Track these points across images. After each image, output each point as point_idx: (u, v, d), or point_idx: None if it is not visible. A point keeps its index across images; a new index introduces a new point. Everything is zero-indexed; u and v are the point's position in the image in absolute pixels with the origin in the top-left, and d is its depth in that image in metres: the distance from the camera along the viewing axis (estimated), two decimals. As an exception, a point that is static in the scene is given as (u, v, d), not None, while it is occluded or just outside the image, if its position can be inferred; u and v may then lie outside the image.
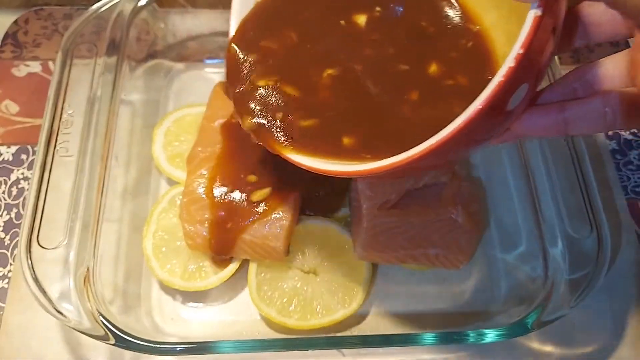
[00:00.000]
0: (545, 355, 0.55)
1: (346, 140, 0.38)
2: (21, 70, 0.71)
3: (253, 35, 0.43)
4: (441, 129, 0.30)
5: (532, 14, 0.27)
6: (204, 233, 0.52)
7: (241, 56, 0.42)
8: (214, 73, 0.71)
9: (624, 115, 0.32)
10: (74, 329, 0.46)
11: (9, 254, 0.59)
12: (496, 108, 0.28)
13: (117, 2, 0.60)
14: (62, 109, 0.54)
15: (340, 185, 0.60)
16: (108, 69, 0.57)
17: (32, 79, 0.70)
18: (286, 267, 0.55)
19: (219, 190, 0.53)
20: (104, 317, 0.46)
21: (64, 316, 0.45)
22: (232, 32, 0.43)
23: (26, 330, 0.54)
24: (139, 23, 0.63)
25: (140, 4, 0.62)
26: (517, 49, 0.27)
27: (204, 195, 0.53)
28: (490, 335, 0.48)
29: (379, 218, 0.52)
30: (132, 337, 0.46)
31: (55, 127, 0.53)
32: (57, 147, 0.52)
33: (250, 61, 0.42)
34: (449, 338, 0.49)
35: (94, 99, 0.55)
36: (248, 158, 0.55)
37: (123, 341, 0.45)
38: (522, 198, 0.58)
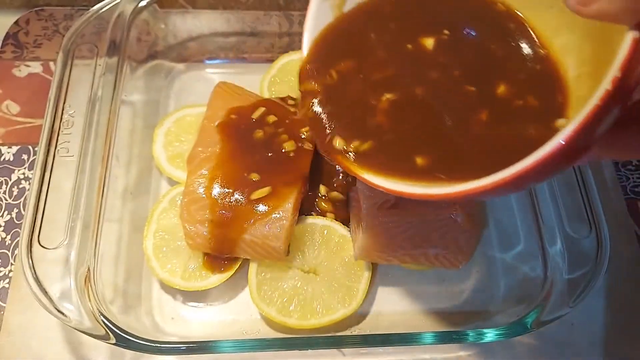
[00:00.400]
0: (544, 354, 0.56)
1: (419, 161, 0.38)
2: (22, 70, 0.71)
3: (324, 57, 0.44)
4: (517, 150, 0.29)
5: (631, 35, 0.27)
6: (205, 233, 0.53)
7: (312, 80, 0.43)
8: (215, 73, 0.71)
9: None
10: (74, 328, 0.46)
11: (10, 253, 0.59)
12: (588, 132, 0.28)
13: (118, 3, 0.60)
14: (62, 109, 0.54)
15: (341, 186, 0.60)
16: (109, 70, 0.57)
17: (33, 80, 0.70)
18: (286, 266, 0.56)
19: (219, 190, 0.53)
20: (104, 316, 0.46)
21: (65, 316, 0.45)
22: (305, 51, 0.44)
23: (27, 329, 0.54)
24: (140, 24, 0.64)
25: (141, 4, 0.62)
26: (614, 71, 0.27)
27: (204, 195, 0.53)
28: (490, 335, 0.48)
29: (378, 218, 0.52)
30: (133, 337, 0.46)
31: (56, 128, 0.53)
32: (58, 148, 0.52)
33: (321, 84, 0.43)
34: (449, 337, 0.49)
35: (94, 100, 0.55)
36: (248, 158, 0.55)
37: (124, 341, 0.46)
38: (521, 198, 0.58)
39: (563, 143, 0.28)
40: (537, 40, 0.42)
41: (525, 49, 0.42)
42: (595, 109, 0.27)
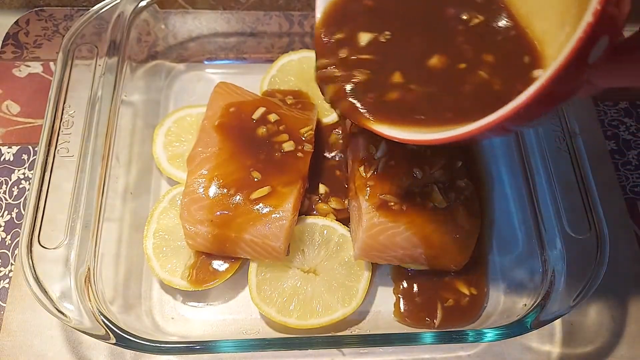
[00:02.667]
0: (544, 354, 0.56)
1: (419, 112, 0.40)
2: (22, 70, 0.71)
3: (339, 19, 0.46)
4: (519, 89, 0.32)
5: None
6: (205, 233, 0.53)
7: (326, 37, 0.45)
8: (214, 74, 0.71)
9: None
10: (74, 328, 0.46)
11: (10, 253, 0.59)
12: (578, 63, 0.29)
13: (118, 3, 0.60)
14: (62, 109, 0.54)
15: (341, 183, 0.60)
16: (109, 70, 0.57)
17: (33, 80, 0.70)
18: (286, 266, 0.56)
19: (219, 190, 0.53)
20: (104, 316, 0.46)
21: (65, 316, 0.45)
22: (318, 15, 0.46)
23: (27, 329, 0.54)
24: (140, 24, 0.64)
25: (141, 5, 0.62)
26: (594, 4, 0.28)
27: (204, 195, 0.53)
28: (490, 335, 0.48)
29: (378, 218, 0.52)
30: (133, 337, 0.46)
31: (56, 128, 0.53)
32: (58, 148, 0.52)
33: (337, 40, 0.45)
34: (449, 337, 0.49)
35: (94, 100, 0.55)
36: (248, 158, 0.55)
37: (124, 340, 0.46)
38: (521, 198, 0.58)
39: (547, 79, 0.30)
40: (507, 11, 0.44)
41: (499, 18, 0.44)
42: (579, 41, 0.28)
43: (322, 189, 0.60)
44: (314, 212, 0.59)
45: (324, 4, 0.47)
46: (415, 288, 0.57)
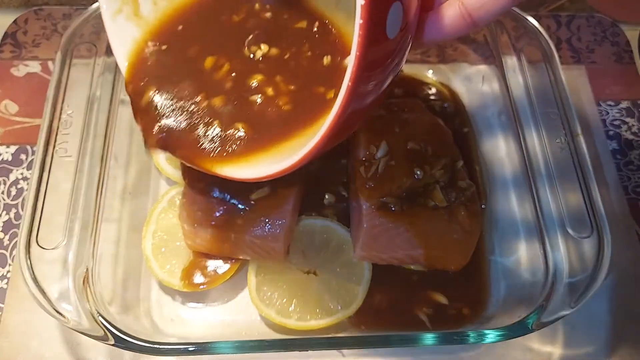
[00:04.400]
0: (545, 355, 0.55)
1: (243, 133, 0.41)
2: (20, 70, 0.71)
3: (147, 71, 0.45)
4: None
5: None
6: (204, 233, 0.52)
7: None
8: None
9: None
10: (73, 329, 0.45)
11: (8, 254, 0.59)
12: (376, 37, 0.28)
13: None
14: (61, 109, 0.54)
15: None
16: (107, 69, 0.57)
17: (31, 79, 0.70)
18: (286, 267, 0.55)
19: (218, 190, 0.53)
20: (103, 317, 0.46)
21: (63, 316, 0.45)
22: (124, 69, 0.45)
23: (25, 330, 0.54)
24: (139, 23, 0.63)
25: (139, 3, 0.61)
26: None
27: (203, 195, 0.53)
28: (491, 336, 0.48)
29: (378, 219, 0.52)
30: (132, 338, 0.45)
31: (54, 127, 0.53)
32: (57, 147, 0.52)
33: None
34: (449, 338, 0.49)
35: (93, 99, 0.55)
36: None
37: (122, 341, 0.45)
38: (523, 198, 0.58)
39: (355, 64, 0.28)
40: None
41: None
42: (364, 11, 0.27)
43: (322, 189, 0.60)
44: (314, 212, 0.59)
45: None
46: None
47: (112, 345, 0.45)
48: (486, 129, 0.67)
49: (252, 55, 0.44)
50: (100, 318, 0.46)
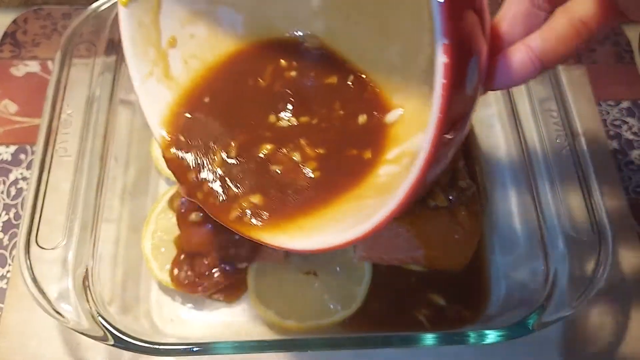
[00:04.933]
0: (546, 356, 0.55)
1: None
2: (20, 69, 0.71)
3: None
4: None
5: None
6: (203, 234, 0.52)
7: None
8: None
9: (600, 16, 0.30)
10: (72, 329, 0.45)
11: (7, 254, 0.59)
12: (456, 96, 0.26)
13: (116, 2, 0.60)
14: (60, 108, 0.54)
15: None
16: (107, 69, 0.57)
17: (31, 79, 0.70)
18: (285, 268, 0.55)
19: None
20: (102, 317, 0.46)
21: (63, 317, 0.45)
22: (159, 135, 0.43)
23: (25, 330, 0.54)
24: (138, 22, 0.63)
25: (139, 3, 0.61)
26: (438, 25, 0.24)
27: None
28: (491, 336, 0.48)
29: (378, 218, 0.52)
30: (131, 338, 0.45)
31: (54, 127, 0.53)
32: (56, 147, 0.52)
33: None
34: (450, 339, 0.48)
35: (93, 99, 0.55)
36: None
37: (122, 342, 0.45)
38: (523, 198, 0.57)
39: (439, 115, 0.26)
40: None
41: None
42: (446, 73, 0.25)
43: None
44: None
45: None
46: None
47: (112, 345, 0.45)
48: (486, 128, 0.67)
49: (280, 123, 0.43)
50: (99, 318, 0.45)
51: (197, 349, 0.46)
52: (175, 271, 0.54)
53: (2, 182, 0.63)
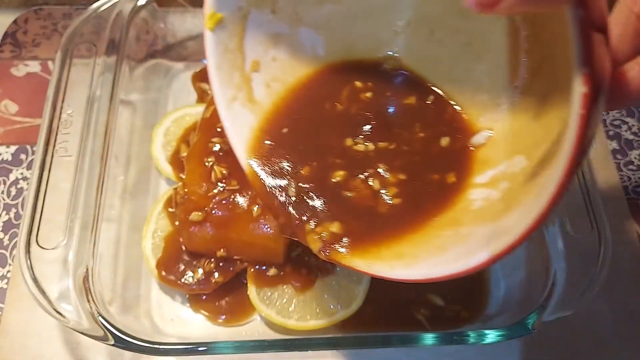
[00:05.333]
0: (545, 355, 0.55)
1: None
2: (20, 69, 0.71)
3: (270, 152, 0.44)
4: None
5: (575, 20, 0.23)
6: (202, 234, 0.52)
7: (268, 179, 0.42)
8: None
9: None
10: (73, 329, 0.45)
11: (8, 254, 0.59)
12: (592, 125, 0.26)
13: (117, 2, 0.60)
14: (61, 108, 0.54)
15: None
16: (107, 69, 0.57)
17: (31, 79, 0.70)
18: (286, 268, 0.55)
19: (218, 190, 0.53)
20: (103, 317, 0.46)
21: (63, 316, 0.45)
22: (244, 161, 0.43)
23: (25, 330, 0.54)
24: (139, 23, 0.63)
25: (139, 3, 0.61)
26: (579, 64, 0.24)
27: (203, 195, 0.53)
28: (491, 336, 0.48)
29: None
30: (132, 338, 0.45)
31: (54, 127, 0.53)
32: (57, 147, 0.52)
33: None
34: (450, 339, 0.49)
35: (93, 99, 0.55)
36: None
37: (122, 342, 0.45)
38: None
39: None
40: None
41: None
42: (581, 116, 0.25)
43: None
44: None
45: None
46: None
47: (112, 345, 0.45)
48: (486, 128, 0.67)
49: (358, 147, 0.43)
50: (100, 318, 0.46)
51: (198, 348, 0.46)
52: (163, 272, 0.54)
53: (3, 182, 0.63)
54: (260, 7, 0.42)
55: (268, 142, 0.43)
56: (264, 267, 0.55)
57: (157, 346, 0.46)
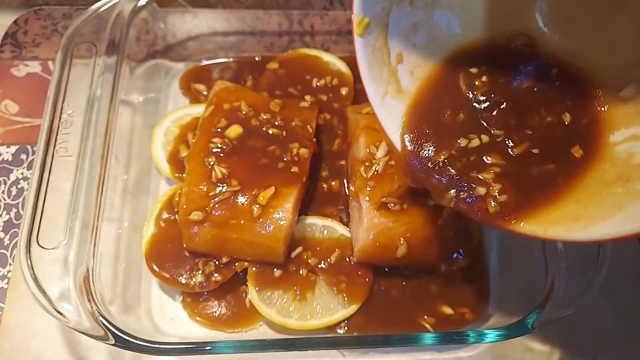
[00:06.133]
0: (544, 355, 0.55)
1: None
2: (21, 70, 0.71)
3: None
4: None
5: None
6: (203, 233, 0.52)
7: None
8: (218, 72, 0.71)
9: None
10: (73, 329, 0.46)
11: (8, 254, 0.59)
12: None
13: (117, 2, 0.60)
14: (61, 108, 0.54)
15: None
16: (108, 69, 0.57)
17: (31, 79, 0.70)
18: (286, 267, 0.55)
19: (218, 190, 0.53)
20: (103, 317, 0.46)
21: (64, 316, 0.45)
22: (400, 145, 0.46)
23: (26, 330, 0.54)
24: (139, 23, 0.63)
25: (140, 4, 0.62)
26: None
27: (203, 195, 0.53)
28: (491, 336, 0.48)
29: (379, 219, 0.52)
30: (132, 337, 0.46)
31: (54, 127, 0.53)
32: (57, 147, 0.52)
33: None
34: (449, 338, 0.49)
35: (93, 99, 0.55)
36: (247, 158, 0.55)
37: (123, 341, 0.45)
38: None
39: None
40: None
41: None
42: None
43: (322, 188, 0.60)
44: (314, 212, 0.59)
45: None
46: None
47: (113, 345, 0.45)
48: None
49: (495, 132, 0.45)
50: (100, 318, 0.46)
51: (198, 348, 0.47)
52: (163, 272, 0.54)
53: (3, 182, 0.63)
54: (400, 2, 0.45)
55: (417, 125, 0.46)
56: (264, 267, 0.55)
57: (158, 346, 0.46)
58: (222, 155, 0.55)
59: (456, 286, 0.57)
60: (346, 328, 0.54)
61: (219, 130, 0.56)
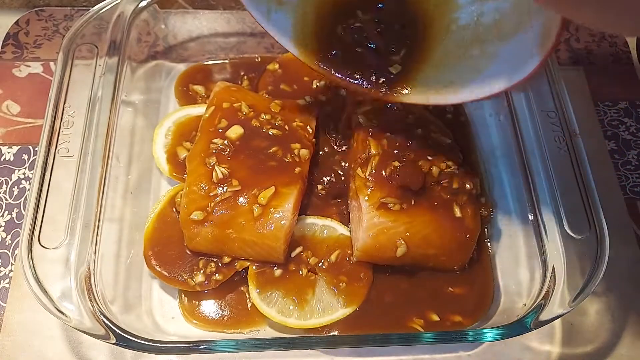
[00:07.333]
0: (543, 354, 0.56)
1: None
2: (22, 70, 0.71)
3: None
4: None
5: None
6: (204, 233, 0.53)
7: None
8: (214, 74, 0.71)
9: None
10: (75, 328, 0.46)
11: (10, 253, 0.59)
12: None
13: (118, 3, 0.61)
14: (63, 109, 0.54)
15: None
16: (109, 70, 0.57)
17: (33, 80, 0.70)
18: (286, 267, 0.55)
19: (219, 190, 0.53)
20: (105, 316, 0.46)
21: (65, 315, 0.45)
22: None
23: (27, 329, 0.54)
24: (140, 24, 0.64)
25: (141, 5, 0.62)
26: None
27: (204, 195, 0.53)
28: (490, 335, 0.48)
29: (378, 218, 0.52)
30: (133, 337, 0.46)
31: (56, 128, 0.53)
32: (58, 148, 0.52)
33: None
34: (449, 337, 0.49)
35: (94, 100, 0.55)
36: (248, 158, 0.55)
37: (124, 340, 0.46)
38: (521, 198, 0.58)
39: None
40: None
41: None
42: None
43: (322, 188, 0.60)
44: (314, 212, 0.59)
45: None
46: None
47: (114, 344, 0.46)
48: (484, 128, 0.67)
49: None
50: (102, 317, 0.46)
51: (199, 347, 0.47)
52: (164, 271, 0.55)
53: (5, 182, 0.63)
54: None
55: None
56: (265, 267, 0.55)
57: (159, 345, 0.46)
58: (222, 155, 0.55)
59: (456, 286, 0.57)
60: (346, 327, 0.54)
61: (219, 130, 0.57)
